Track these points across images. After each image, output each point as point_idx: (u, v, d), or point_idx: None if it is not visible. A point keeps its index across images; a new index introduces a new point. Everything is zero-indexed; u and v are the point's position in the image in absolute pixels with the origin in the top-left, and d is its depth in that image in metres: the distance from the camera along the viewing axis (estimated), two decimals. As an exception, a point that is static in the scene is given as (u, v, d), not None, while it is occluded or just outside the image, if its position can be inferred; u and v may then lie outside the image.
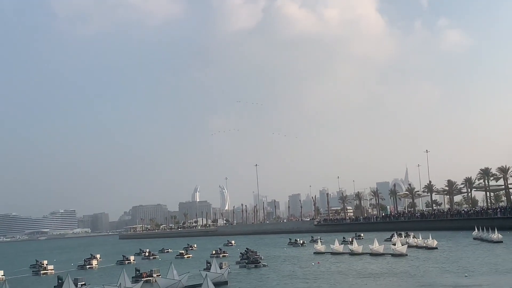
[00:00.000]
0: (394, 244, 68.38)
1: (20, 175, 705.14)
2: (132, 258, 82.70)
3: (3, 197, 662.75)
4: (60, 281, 48.66)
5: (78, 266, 78.14)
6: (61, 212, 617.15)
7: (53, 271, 71.20)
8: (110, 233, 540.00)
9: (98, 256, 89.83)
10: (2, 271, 68.13)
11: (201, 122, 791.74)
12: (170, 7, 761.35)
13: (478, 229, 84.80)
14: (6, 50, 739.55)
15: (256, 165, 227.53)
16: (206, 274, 35.46)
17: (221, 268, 49.49)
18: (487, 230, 78.68)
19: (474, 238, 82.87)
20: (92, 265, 77.35)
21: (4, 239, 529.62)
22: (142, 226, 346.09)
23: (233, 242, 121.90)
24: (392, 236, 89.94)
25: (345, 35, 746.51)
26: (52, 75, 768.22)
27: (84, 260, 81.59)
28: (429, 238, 72.92)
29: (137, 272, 53.83)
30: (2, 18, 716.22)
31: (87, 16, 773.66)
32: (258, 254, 68.48)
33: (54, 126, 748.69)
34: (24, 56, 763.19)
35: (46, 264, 74.66)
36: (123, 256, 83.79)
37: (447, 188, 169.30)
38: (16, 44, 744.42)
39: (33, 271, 73.57)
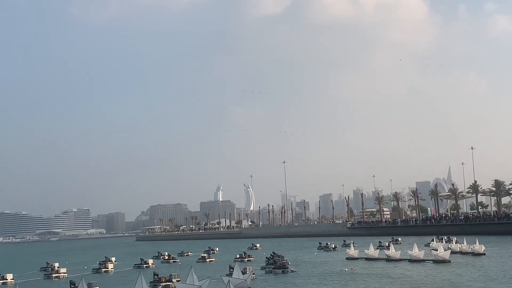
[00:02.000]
0: (436, 250, 67.78)
1: (31, 172, 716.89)
2: (150, 261, 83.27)
3: (13, 195, 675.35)
4: (73, 286, 49.29)
5: (93, 269, 78.92)
6: (74, 211, 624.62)
7: (65, 274, 72.09)
8: (126, 234, 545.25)
9: (113, 259, 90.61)
10: (11, 274, 69.21)
11: (224, 116, 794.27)
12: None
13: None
14: (18, 38, 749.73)
15: (284, 162, 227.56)
16: (228, 280, 35.59)
17: (244, 273, 49.58)
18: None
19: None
20: (107, 268, 78.07)
21: (14, 239, 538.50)
22: (160, 227, 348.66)
23: (258, 245, 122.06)
24: (432, 240, 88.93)
25: (382, 20, 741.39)
26: (67, 65, 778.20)
27: (99, 263, 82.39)
28: (475, 243, 72.10)
29: (155, 277, 54.27)
30: (14, 2, 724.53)
31: (103, 1, 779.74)
32: (285, 258, 68.42)
33: (68, 122, 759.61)
34: (37, 44, 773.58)
35: (58, 267, 75.61)
36: (141, 259, 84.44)
37: (494, 188, 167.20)
38: (28, 32, 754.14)
39: (44, 274, 74.57)
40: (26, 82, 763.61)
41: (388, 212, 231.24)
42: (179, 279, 51.90)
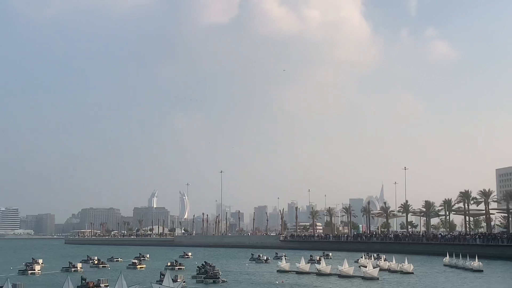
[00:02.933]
0: (364, 266, 68.94)
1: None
2: (79, 265, 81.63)
3: None
4: (-4, 288, 47.82)
5: (19, 271, 76.81)
6: (2, 210, 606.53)
7: (-11, 275, 69.89)
8: (55, 236, 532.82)
9: (40, 261, 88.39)
10: None
11: (164, 121, 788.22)
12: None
13: (452, 255, 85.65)
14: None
15: (221, 171, 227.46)
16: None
17: (175, 281, 49.20)
18: (465, 257, 79.66)
19: (445, 265, 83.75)
20: (34, 270, 76.12)
21: None
22: (91, 231, 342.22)
23: (190, 254, 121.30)
24: (364, 256, 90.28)
25: (326, 38, 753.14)
26: (5, 59, 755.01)
27: (26, 265, 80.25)
28: (404, 262, 73.68)
29: (83, 281, 53.30)
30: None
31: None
32: (216, 268, 68.32)
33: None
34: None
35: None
36: (69, 262, 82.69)
37: (424, 209, 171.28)
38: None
39: (-34, 274, 72.11)
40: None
41: (321, 227, 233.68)
42: (107, 284, 51.12)
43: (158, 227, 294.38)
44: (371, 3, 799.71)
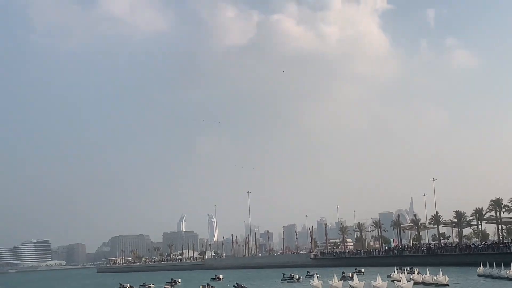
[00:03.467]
0: (397, 280, 68.14)
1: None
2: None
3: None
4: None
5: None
6: (34, 242, 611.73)
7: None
8: (87, 265, 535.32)
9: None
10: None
11: (188, 145, 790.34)
12: (159, 21, 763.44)
13: (486, 265, 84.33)
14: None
15: (248, 192, 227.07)
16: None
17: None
18: (499, 266, 78.38)
19: (480, 275, 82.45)
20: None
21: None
22: (122, 259, 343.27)
23: (221, 276, 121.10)
24: (397, 271, 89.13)
25: (345, 53, 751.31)
26: (30, 90, 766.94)
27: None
28: (439, 274, 72.68)
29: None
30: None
31: (68, 29, 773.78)
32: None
33: (26, 151, 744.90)
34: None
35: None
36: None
37: (455, 220, 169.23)
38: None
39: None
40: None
41: (352, 243, 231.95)
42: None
43: (188, 251, 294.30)
44: (388, 16, 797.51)
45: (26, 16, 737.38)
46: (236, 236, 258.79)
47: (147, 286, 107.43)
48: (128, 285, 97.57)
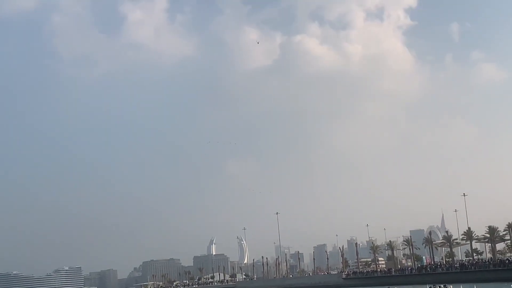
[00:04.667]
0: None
1: (20, 230, 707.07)
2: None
3: (3, 254, 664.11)
4: None
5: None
6: (66, 270, 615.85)
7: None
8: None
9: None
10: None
11: (216, 168, 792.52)
12: (183, 46, 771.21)
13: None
14: (9, 93, 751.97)
15: (276, 213, 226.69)
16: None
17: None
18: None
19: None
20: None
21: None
22: (154, 283, 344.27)
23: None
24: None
25: (370, 71, 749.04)
26: (57, 119, 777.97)
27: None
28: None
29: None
30: (4, 60, 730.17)
31: (93, 58, 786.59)
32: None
33: (55, 175, 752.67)
34: (28, 99, 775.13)
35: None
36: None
37: (488, 235, 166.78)
38: (19, 88, 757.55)
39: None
40: (13, 132, 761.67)
41: (383, 262, 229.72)
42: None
43: (219, 274, 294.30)
44: (412, 32, 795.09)
45: (53, 46, 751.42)
46: (267, 258, 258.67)
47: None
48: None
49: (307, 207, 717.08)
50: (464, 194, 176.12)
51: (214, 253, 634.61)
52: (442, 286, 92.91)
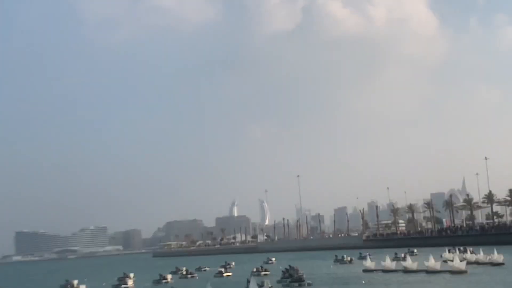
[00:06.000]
0: (451, 260, 67.51)
1: (47, 190, 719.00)
2: (169, 277, 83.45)
3: (30, 213, 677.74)
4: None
5: (112, 286, 79.08)
6: (91, 229, 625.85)
7: (85, 291, 72.34)
8: (143, 250, 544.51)
9: (132, 275, 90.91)
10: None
11: (238, 132, 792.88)
12: (205, 11, 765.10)
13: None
14: (32, 57, 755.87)
15: (298, 176, 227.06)
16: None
17: (261, 286, 49.68)
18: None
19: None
20: (127, 284, 78.19)
21: (32, 258, 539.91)
22: (177, 243, 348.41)
23: (273, 259, 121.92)
24: (448, 251, 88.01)
25: (393, 35, 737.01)
26: (79, 84, 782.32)
27: (118, 279, 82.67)
28: (493, 253, 71.58)
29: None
30: (28, 24, 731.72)
31: (116, 22, 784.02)
32: (301, 271, 68.33)
33: (81, 139, 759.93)
34: (51, 65, 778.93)
35: (77, 284, 75.90)
36: (160, 275, 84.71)
37: (509, 198, 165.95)
38: (41, 52, 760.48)
39: (64, 291, 74.89)
40: (38, 97, 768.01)
41: (403, 224, 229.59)
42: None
43: (241, 235, 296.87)
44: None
45: (75, 9, 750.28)
46: (288, 220, 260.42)
47: (202, 269, 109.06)
48: (184, 268, 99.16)
49: (328, 170, 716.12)
50: (486, 158, 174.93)
51: (236, 215, 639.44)
52: (461, 248, 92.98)
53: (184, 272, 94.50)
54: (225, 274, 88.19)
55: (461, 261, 66.27)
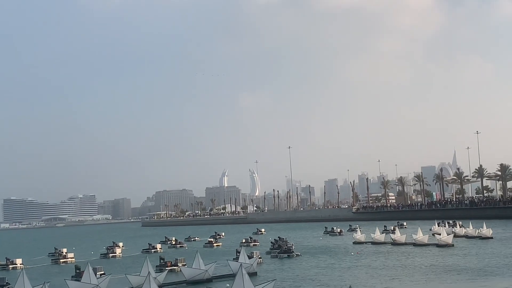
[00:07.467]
0: (438, 234, 68.27)
1: (37, 159, 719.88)
2: (158, 246, 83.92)
3: (19, 181, 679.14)
4: (78, 271, 49.83)
5: (101, 254, 79.53)
6: (80, 197, 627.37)
7: (73, 259, 72.68)
8: (132, 219, 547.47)
9: (121, 244, 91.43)
10: (21, 259, 70.34)
11: (230, 101, 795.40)
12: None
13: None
14: (24, 19, 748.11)
15: (289, 147, 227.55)
16: (241, 264, 35.67)
17: (251, 257, 50.06)
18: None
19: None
20: (115, 253, 78.61)
21: (20, 225, 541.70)
22: (166, 213, 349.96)
23: (263, 230, 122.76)
24: (437, 224, 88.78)
25: (388, 6, 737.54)
26: (72, 49, 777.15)
27: (107, 248, 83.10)
28: (482, 227, 72.36)
29: (162, 261, 54.87)
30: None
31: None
32: (290, 243, 68.90)
33: (71, 106, 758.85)
34: (45, 30, 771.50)
35: (66, 252, 76.24)
36: (149, 244, 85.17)
37: (499, 172, 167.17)
38: (33, 18, 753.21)
39: (52, 259, 75.22)
40: (29, 69, 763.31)
41: (394, 197, 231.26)
42: (185, 263, 52.57)
43: (231, 206, 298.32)
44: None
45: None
46: (278, 191, 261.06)
47: (192, 239, 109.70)
48: (173, 238, 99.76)
49: (319, 142, 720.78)
50: (477, 132, 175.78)
51: (226, 185, 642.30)
52: (450, 222, 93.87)
53: (174, 242, 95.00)
54: (214, 244, 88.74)
55: (448, 234, 67.01)
